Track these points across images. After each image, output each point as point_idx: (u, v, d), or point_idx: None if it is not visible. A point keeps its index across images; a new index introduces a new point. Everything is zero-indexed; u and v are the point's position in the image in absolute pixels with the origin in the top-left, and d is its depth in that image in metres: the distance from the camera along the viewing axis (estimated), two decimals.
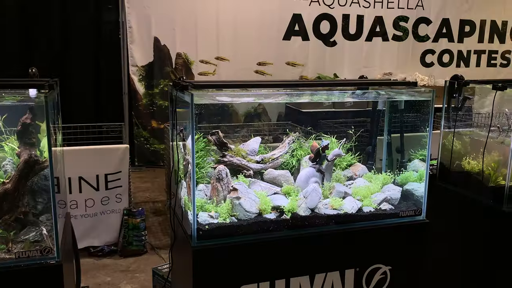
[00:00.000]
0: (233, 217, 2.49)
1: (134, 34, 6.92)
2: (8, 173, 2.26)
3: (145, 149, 7.38)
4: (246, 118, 7.52)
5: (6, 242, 2.12)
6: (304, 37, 7.77)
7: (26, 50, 6.94)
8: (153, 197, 6.25)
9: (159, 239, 4.97)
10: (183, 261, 2.66)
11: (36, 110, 2.22)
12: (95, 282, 4.00)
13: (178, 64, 7.20)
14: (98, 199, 4.42)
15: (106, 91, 7.35)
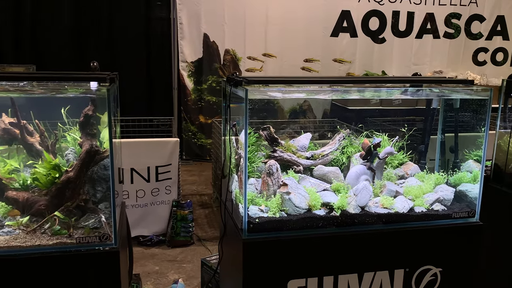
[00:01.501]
0: (282, 211, 2.51)
1: (184, 30, 7.07)
2: (71, 162, 2.37)
3: (193, 143, 7.53)
4: (291, 115, 7.52)
5: (67, 228, 2.23)
6: (352, 33, 7.70)
7: (80, 46, 7.22)
8: (199, 190, 6.37)
9: (205, 231, 5.07)
10: (232, 253, 2.72)
11: (97, 102, 2.31)
12: (144, 271, 4.12)
13: (226, 61, 7.29)
14: (148, 190, 4.55)
15: (156, 86, 7.55)
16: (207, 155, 7.55)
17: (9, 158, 2.42)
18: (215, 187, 5.86)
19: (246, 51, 7.31)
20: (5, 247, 2.12)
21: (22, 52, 6.99)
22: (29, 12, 6.94)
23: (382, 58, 7.89)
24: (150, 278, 4.04)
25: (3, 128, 2.38)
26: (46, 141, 2.44)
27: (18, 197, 2.25)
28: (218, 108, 7.51)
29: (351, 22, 7.64)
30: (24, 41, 7.02)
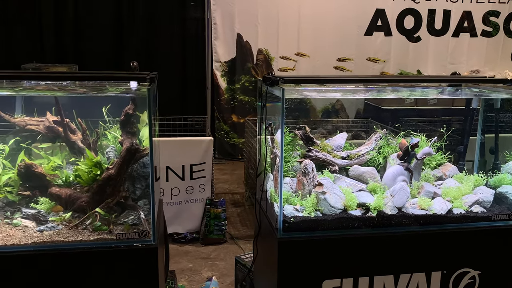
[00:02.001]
0: (318, 211, 2.51)
1: (218, 30, 7.13)
2: (111, 159, 2.44)
3: (225, 142, 7.59)
4: (323, 115, 7.48)
5: (108, 224, 2.29)
6: (386, 32, 7.59)
7: (117, 46, 7.37)
8: (232, 189, 6.41)
9: (238, 229, 5.10)
10: (267, 252, 2.73)
11: (138, 101, 2.36)
12: (178, 267, 4.18)
13: (259, 60, 7.31)
14: (183, 188, 4.61)
15: (190, 86, 7.63)
16: (239, 154, 7.59)
17: (52, 155, 2.51)
18: (247, 186, 5.89)
19: (279, 50, 7.31)
20: (49, 241, 2.19)
21: (64, 52, 7.19)
22: (70, 13, 7.13)
23: (417, 57, 7.75)
24: (184, 275, 4.10)
25: (47, 126, 2.47)
26: (88, 139, 2.51)
27: (61, 193, 2.33)
28: (250, 107, 7.54)
29: (386, 21, 7.53)
30: (66, 42, 7.21)
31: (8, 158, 2.44)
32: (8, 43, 7.04)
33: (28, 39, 7.09)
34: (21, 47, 7.08)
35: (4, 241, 2.15)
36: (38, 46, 7.15)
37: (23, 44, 7.09)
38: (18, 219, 2.27)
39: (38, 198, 2.34)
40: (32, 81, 2.44)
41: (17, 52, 7.07)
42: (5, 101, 2.48)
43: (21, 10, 7.02)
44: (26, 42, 7.10)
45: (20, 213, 2.30)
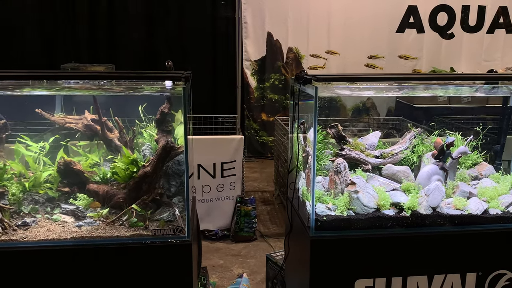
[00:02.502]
0: (350, 210, 2.50)
1: (248, 29, 7.17)
2: (147, 157, 2.49)
3: (254, 140, 7.62)
4: (354, 113, 7.43)
5: (144, 220, 2.34)
6: (419, 29, 7.47)
7: (149, 45, 7.48)
8: (261, 187, 6.43)
9: (268, 227, 5.12)
10: (299, 250, 2.74)
11: (173, 100, 2.40)
12: (209, 264, 4.23)
13: (289, 59, 7.32)
14: (214, 185, 4.66)
15: (221, 84, 7.69)
16: (268, 152, 7.61)
17: (90, 153, 2.58)
18: (277, 184, 5.90)
19: (309, 48, 7.29)
20: (87, 237, 2.26)
21: (99, 52, 7.36)
22: (104, 15, 7.29)
23: (451, 54, 7.61)
24: (215, 272, 4.14)
25: (86, 124, 2.54)
26: (124, 137, 2.57)
27: (98, 190, 2.40)
28: (280, 106, 7.55)
29: (418, 18, 7.42)
30: (99, 42, 7.38)
31: (48, 155, 2.52)
32: (47, 43, 7.25)
33: (64, 38, 7.28)
34: (59, 47, 7.28)
35: (45, 235, 2.23)
36: (74, 45, 7.33)
37: (61, 44, 7.29)
38: (58, 214, 2.35)
39: (77, 195, 2.42)
40: (71, 81, 2.51)
41: (55, 52, 7.28)
42: (46, 100, 2.57)
43: (58, 11, 7.21)
44: (63, 42, 7.30)
45: (60, 208, 2.38)
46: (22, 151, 2.45)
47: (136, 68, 6.95)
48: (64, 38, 7.27)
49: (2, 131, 2.46)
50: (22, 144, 2.47)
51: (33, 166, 2.46)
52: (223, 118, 5.67)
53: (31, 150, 2.47)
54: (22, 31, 7.16)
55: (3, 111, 2.45)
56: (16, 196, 2.33)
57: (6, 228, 2.22)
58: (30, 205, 2.36)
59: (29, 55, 7.16)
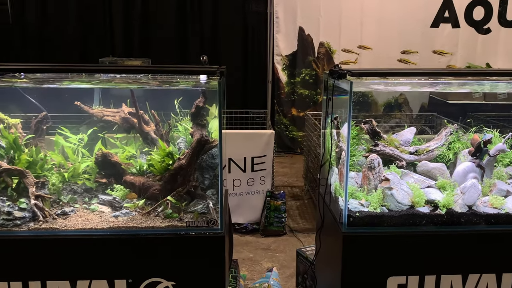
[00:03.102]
0: (383, 207, 2.49)
1: (280, 24, 7.16)
2: (182, 150, 2.53)
3: (284, 135, 7.62)
4: (385, 108, 7.34)
5: (178, 212, 2.38)
6: (454, 24, 7.30)
7: (181, 39, 7.55)
8: (290, 182, 6.43)
9: (297, 222, 5.12)
10: (330, 246, 2.73)
11: (208, 94, 2.43)
12: (239, 257, 4.26)
13: (320, 53, 7.28)
14: (244, 180, 4.69)
15: (251, 79, 7.71)
16: (298, 147, 7.60)
17: (127, 145, 2.63)
18: (306, 179, 5.89)
19: (341, 43, 7.23)
20: (123, 227, 2.31)
21: (132, 46, 7.48)
22: (139, 9, 7.39)
23: (487, 49, 7.41)
24: (244, 265, 4.18)
25: (123, 117, 2.60)
26: (160, 130, 2.62)
27: (135, 181, 2.45)
28: (310, 101, 7.51)
29: (453, 12, 7.25)
30: (134, 36, 7.49)
31: (87, 147, 2.59)
32: (85, 38, 7.41)
33: (101, 33, 7.42)
34: (97, 41, 7.43)
35: (83, 224, 2.30)
36: (109, 40, 7.47)
37: (98, 39, 7.44)
38: (95, 204, 2.41)
39: (114, 186, 2.47)
40: (109, 74, 2.57)
41: (93, 46, 7.43)
42: (84, 93, 2.63)
43: (94, 6, 7.36)
44: (98, 37, 7.45)
45: (97, 199, 2.44)
46: (61, 142, 2.53)
47: (169, 62, 7.03)
48: (100, 33, 7.41)
49: (43, 123, 2.54)
50: (62, 135, 2.55)
51: (72, 157, 2.54)
52: (254, 113, 5.69)
53: (70, 142, 2.55)
54: (60, 26, 7.33)
55: (44, 104, 2.52)
56: (56, 186, 2.41)
57: (46, 216, 2.30)
58: (69, 195, 2.43)
59: (66, 49, 7.33)
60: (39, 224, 2.27)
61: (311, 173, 5.53)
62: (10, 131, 2.44)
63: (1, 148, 2.39)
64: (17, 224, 2.26)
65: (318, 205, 2.88)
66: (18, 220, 2.26)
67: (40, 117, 2.53)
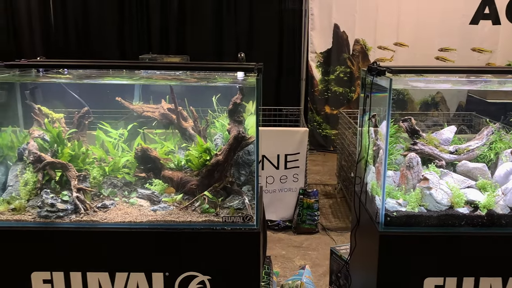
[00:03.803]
0: (422, 207, 2.45)
1: (315, 21, 7.12)
2: (219, 146, 2.55)
3: (317, 133, 7.58)
4: (421, 107, 7.20)
5: (215, 207, 2.41)
6: (494, 21, 7.10)
7: (217, 36, 7.61)
8: (323, 180, 6.41)
9: (330, 220, 5.10)
10: (366, 245, 2.71)
11: (245, 91, 2.45)
12: (271, 254, 4.28)
13: (355, 51, 7.20)
14: (277, 177, 4.70)
15: (285, 76, 7.70)
16: (331, 145, 7.56)
17: (165, 141, 2.68)
18: (339, 178, 5.85)
19: (377, 40, 7.14)
20: (161, 220, 2.35)
21: (170, 43, 7.58)
22: (175, 7, 7.48)
23: None
24: (277, 262, 4.19)
25: (162, 113, 2.64)
26: (198, 126, 2.65)
27: (173, 176, 2.49)
28: (344, 99, 7.45)
29: (494, 8, 7.04)
30: (171, 34, 7.58)
31: (126, 142, 2.65)
32: (123, 36, 7.55)
33: (139, 31, 7.56)
34: (137, 38, 7.57)
35: (122, 218, 2.35)
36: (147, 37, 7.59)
37: (136, 37, 7.57)
38: (134, 198, 2.46)
39: (152, 180, 2.52)
40: (149, 71, 2.62)
41: (131, 44, 7.58)
42: (125, 89, 2.69)
43: (132, 5, 7.50)
44: (137, 35, 7.58)
45: (136, 193, 2.49)
46: (102, 137, 2.59)
47: (204, 59, 7.09)
48: (138, 31, 7.54)
49: (85, 118, 2.61)
50: (103, 130, 2.61)
51: (113, 152, 2.60)
52: (287, 110, 5.69)
53: (111, 136, 2.61)
54: (99, 26, 7.50)
55: (86, 99, 2.59)
56: (97, 180, 2.47)
57: (87, 209, 2.36)
58: (109, 189, 2.49)
59: (105, 47, 7.50)
60: (81, 217, 2.34)
61: (344, 171, 5.49)
62: (54, 125, 2.51)
63: (45, 141, 2.47)
64: (60, 216, 2.33)
65: (354, 204, 2.86)
66: (60, 212, 2.33)
67: (83, 112, 2.60)
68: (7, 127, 2.52)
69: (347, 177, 5.29)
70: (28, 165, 2.41)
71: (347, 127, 5.37)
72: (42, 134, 2.47)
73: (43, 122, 2.51)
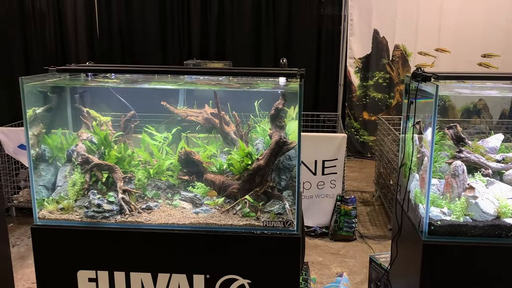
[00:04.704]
0: (467, 216, 2.39)
1: (354, 26, 7.08)
2: (260, 151, 2.57)
3: (354, 139, 7.51)
4: (463, 114, 7.01)
5: (255, 211, 2.42)
6: None
7: (257, 41, 7.65)
8: (360, 187, 6.33)
9: (367, 228, 5.03)
10: (407, 254, 2.67)
11: (287, 97, 2.46)
12: (308, 260, 4.23)
13: (395, 56, 7.11)
14: (314, 183, 4.68)
15: (323, 82, 7.66)
16: (368, 152, 7.47)
17: (208, 145, 2.72)
18: (377, 185, 5.77)
19: (417, 46, 7.03)
20: (203, 223, 2.39)
21: (210, 49, 7.67)
22: (215, 13, 7.58)
23: None
24: (314, 268, 4.16)
25: (205, 117, 2.68)
26: (240, 131, 2.68)
27: (215, 180, 2.52)
28: (383, 105, 7.35)
29: None
30: (211, 40, 7.67)
31: (170, 145, 2.70)
32: (168, 41, 7.71)
33: (181, 35, 7.68)
34: (178, 44, 7.71)
35: (166, 219, 2.39)
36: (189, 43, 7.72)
37: (179, 42, 7.71)
38: (177, 200, 2.51)
39: (195, 183, 2.56)
40: (193, 76, 2.66)
41: (174, 49, 7.73)
42: (170, 94, 2.75)
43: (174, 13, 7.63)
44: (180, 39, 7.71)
45: (179, 195, 2.54)
46: (148, 140, 2.65)
47: (243, 64, 7.15)
48: (179, 36, 7.67)
49: (131, 121, 2.68)
50: (148, 133, 2.68)
51: (157, 155, 2.65)
52: (325, 116, 5.66)
53: (155, 140, 2.67)
54: (142, 31, 7.67)
55: (132, 103, 2.66)
56: (142, 182, 2.53)
57: (132, 210, 2.42)
58: (153, 191, 2.54)
59: (148, 52, 7.66)
60: (125, 217, 2.40)
61: (383, 178, 5.41)
62: (102, 128, 2.59)
63: (93, 144, 2.55)
64: (106, 216, 2.39)
65: (395, 212, 2.82)
66: (106, 212, 2.39)
67: (129, 115, 2.67)
68: (57, 129, 2.62)
69: (386, 184, 5.21)
70: (76, 166, 2.49)
71: (386, 133, 5.30)
72: (90, 136, 2.56)
73: (91, 125, 2.60)
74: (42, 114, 2.50)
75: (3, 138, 4.70)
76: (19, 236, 4.74)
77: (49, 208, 2.44)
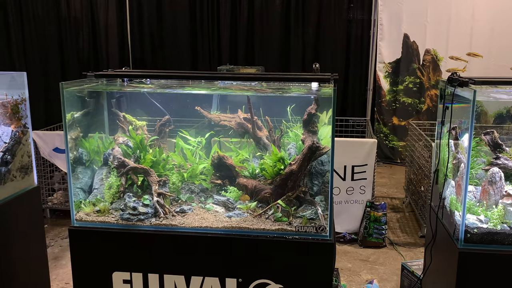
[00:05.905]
0: (504, 224, 2.34)
1: (384, 31, 7.01)
2: (292, 156, 2.58)
3: (384, 145, 7.42)
4: (496, 120, 6.84)
5: (288, 216, 2.43)
6: None
7: (285, 45, 7.64)
8: (390, 193, 6.25)
9: (397, 235, 4.96)
10: (442, 262, 2.63)
11: (320, 102, 2.46)
12: (337, 266, 4.21)
13: (425, 61, 7.01)
14: (344, 188, 4.64)
15: (352, 86, 7.60)
16: (398, 158, 7.37)
17: (240, 149, 2.74)
18: (408, 191, 5.69)
19: (449, 50, 6.90)
20: (236, 227, 2.40)
21: (239, 55, 7.72)
22: (245, 19, 7.62)
23: None
24: (343, 275, 4.13)
25: (238, 122, 2.71)
26: (273, 136, 2.69)
27: (247, 184, 2.54)
28: (413, 110, 7.25)
29: None
30: (240, 45, 7.71)
31: (203, 149, 2.74)
32: (198, 47, 7.80)
33: (211, 41, 7.76)
34: (207, 50, 7.80)
35: (199, 223, 2.42)
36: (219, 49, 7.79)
37: (209, 48, 7.79)
38: (211, 204, 2.53)
39: (228, 187, 2.58)
40: (226, 81, 2.69)
41: (204, 55, 7.82)
42: (203, 99, 2.78)
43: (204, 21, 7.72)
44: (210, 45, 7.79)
45: (212, 199, 2.57)
46: (182, 144, 2.69)
47: (272, 70, 7.16)
48: (209, 42, 7.74)
49: (166, 126, 2.72)
50: (182, 138, 2.72)
51: (191, 159, 2.69)
52: (354, 121, 5.62)
53: (189, 144, 2.70)
54: (173, 37, 7.78)
55: (167, 108, 2.71)
56: (176, 185, 2.57)
57: (166, 213, 2.46)
58: (187, 194, 2.58)
59: (178, 57, 7.76)
60: (160, 220, 2.44)
61: (413, 185, 5.33)
62: (137, 132, 2.64)
63: (129, 147, 2.60)
64: (141, 219, 2.44)
65: (429, 219, 2.78)
66: (141, 215, 2.44)
67: (164, 120, 2.72)
68: (94, 133, 2.68)
69: (416, 190, 5.13)
70: (113, 169, 2.55)
71: (417, 139, 5.23)
72: (126, 140, 2.61)
73: (127, 129, 2.65)
74: (80, 118, 2.57)
75: (38, 142, 4.84)
76: (53, 237, 4.86)
77: (86, 210, 2.50)
